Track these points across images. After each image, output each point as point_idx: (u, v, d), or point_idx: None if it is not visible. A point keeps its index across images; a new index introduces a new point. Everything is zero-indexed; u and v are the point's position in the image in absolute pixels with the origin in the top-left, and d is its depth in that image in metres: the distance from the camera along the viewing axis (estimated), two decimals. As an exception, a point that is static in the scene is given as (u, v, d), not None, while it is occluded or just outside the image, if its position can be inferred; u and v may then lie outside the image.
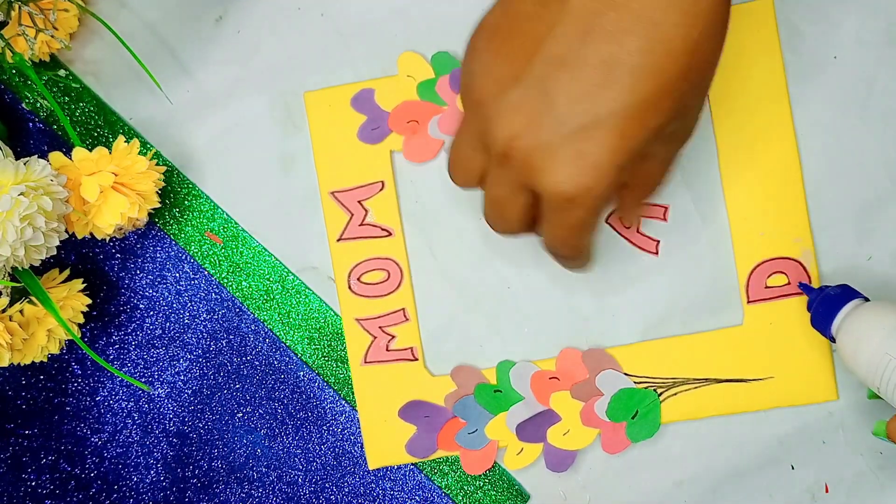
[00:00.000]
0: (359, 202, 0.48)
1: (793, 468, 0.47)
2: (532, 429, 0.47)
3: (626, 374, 0.46)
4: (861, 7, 0.46)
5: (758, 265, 0.46)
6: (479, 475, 0.48)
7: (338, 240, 0.48)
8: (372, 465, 0.48)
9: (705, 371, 0.46)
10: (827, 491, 0.47)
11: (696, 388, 0.46)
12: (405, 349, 0.48)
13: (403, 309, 0.48)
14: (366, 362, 0.48)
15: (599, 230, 0.37)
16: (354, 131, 0.48)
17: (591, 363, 0.46)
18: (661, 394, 0.46)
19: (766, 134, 0.46)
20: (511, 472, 0.48)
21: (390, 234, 0.48)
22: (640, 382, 0.46)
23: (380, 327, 0.48)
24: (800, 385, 0.46)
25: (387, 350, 0.48)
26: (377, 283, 0.48)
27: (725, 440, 0.47)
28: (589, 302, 0.47)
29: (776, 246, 0.46)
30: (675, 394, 0.46)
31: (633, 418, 0.46)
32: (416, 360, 0.48)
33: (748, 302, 0.46)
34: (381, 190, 0.48)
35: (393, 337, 0.48)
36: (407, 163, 0.48)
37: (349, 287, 0.48)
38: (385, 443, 0.48)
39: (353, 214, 0.48)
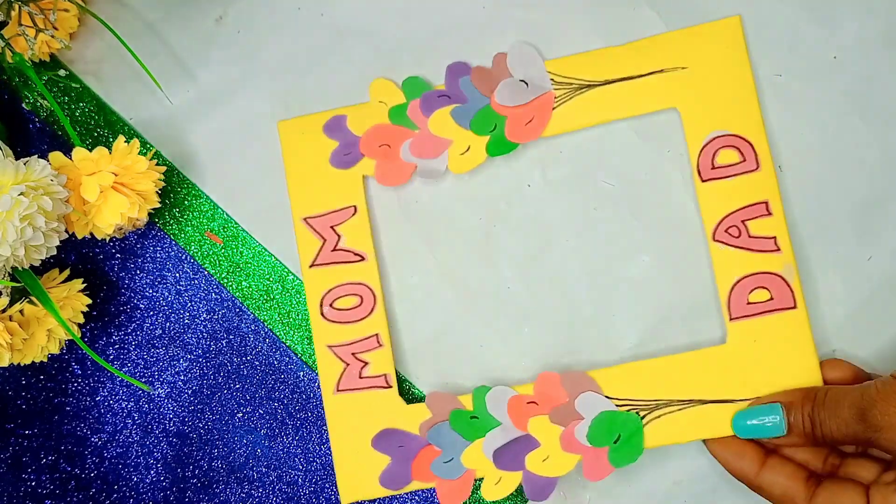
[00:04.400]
0: (331, 227, 0.47)
1: (793, 468, 0.47)
2: (510, 456, 0.45)
3: (606, 396, 0.45)
4: (861, 7, 0.46)
5: (738, 280, 0.45)
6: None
7: (310, 266, 0.47)
8: (345, 501, 0.46)
9: (689, 392, 0.45)
10: (827, 491, 0.47)
11: (679, 409, 0.45)
12: (378, 376, 0.47)
13: (377, 335, 0.47)
14: (338, 391, 0.47)
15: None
16: (326, 157, 0.47)
17: (570, 386, 0.45)
18: (643, 416, 0.45)
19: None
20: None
21: (363, 258, 0.47)
22: (622, 405, 0.45)
23: (352, 354, 0.47)
24: None
25: (360, 377, 0.47)
26: (350, 309, 0.47)
27: (725, 440, 0.47)
28: (585, 302, 0.47)
29: (756, 261, 0.45)
30: (659, 416, 0.45)
31: (615, 443, 0.44)
32: (390, 387, 0.46)
33: (730, 319, 0.45)
34: (353, 215, 0.47)
35: (366, 364, 0.47)
36: (379, 187, 0.48)
37: (321, 314, 0.47)
38: (358, 476, 0.46)
39: (325, 240, 0.47)
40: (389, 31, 0.48)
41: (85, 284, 0.48)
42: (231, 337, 0.50)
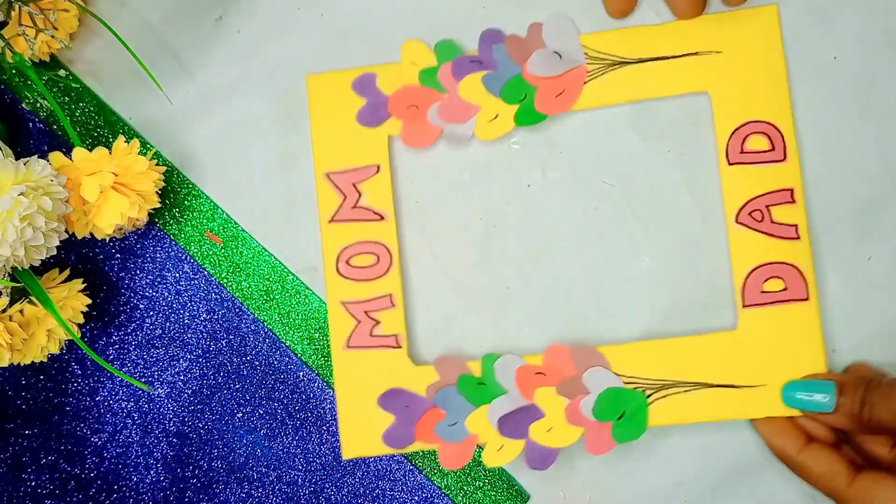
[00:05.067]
0: (353, 185, 0.47)
1: (793, 468, 0.47)
2: (514, 424, 0.45)
3: (615, 373, 0.45)
4: (861, 7, 0.46)
5: (754, 269, 0.45)
6: (479, 475, 0.48)
7: (329, 221, 0.47)
8: (346, 455, 0.46)
9: (696, 375, 0.45)
10: (827, 491, 0.47)
11: (686, 391, 0.45)
12: (389, 336, 0.47)
13: (391, 295, 0.47)
14: (348, 347, 0.47)
15: None
16: (354, 114, 0.47)
17: (579, 360, 0.46)
18: (649, 395, 0.45)
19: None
20: (507, 469, 0.48)
21: (382, 218, 0.47)
22: (629, 383, 0.45)
23: (365, 312, 0.47)
24: None
25: (370, 335, 0.47)
26: (365, 267, 0.47)
27: (726, 440, 0.47)
28: (586, 302, 0.47)
29: (775, 248, 0.45)
30: (665, 396, 0.45)
31: (619, 419, 0.45)
32: (400, 347, 0.47)
33: (743, 306, 0.45)
34: (376, 173, 0.47)
35: (378, 322, 0.47)
36: (404, 149, 0.48)
37: (337, 269, 0.47)
38: (362, 432, 0.46)
39: (346, 196, 0.47)
40: (389, 31, 0.48)
41: (85, 284, 0.48)
42: (231, 337, 0.50)
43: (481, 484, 0.48)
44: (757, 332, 0.45)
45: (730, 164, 0.46)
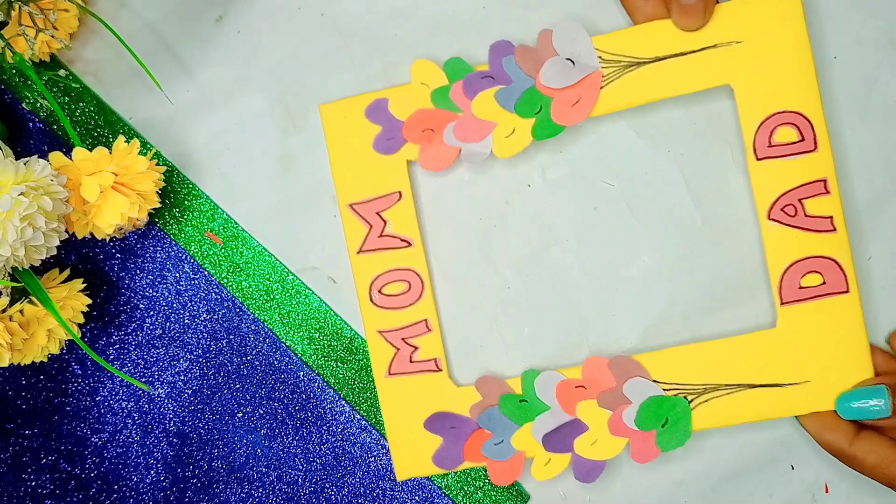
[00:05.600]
0: (377, 213, 0.47)
1: (793, 468, 0.47)
2: (559, 439, 0.46)
3: (654, 381, 0.45)
4: (861, 7, 0.46)
5: (790, 265, 0.44)
6: (480, 475, 0.48)
7: (358, 252, 0.47)
8: (400, 477, 0.47)
9: (738, 377, 0.44)
10: (827, 491, 0.47)
11: (728, 394, 0.44)
12: (429, 360, 0.47)
13: (426, 320, 0.47)
14: (390, 374, 0.47)
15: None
16: (370, 142, 0.47)
17: (618, 371, 0.45)
18: (691, 401, 0.45)
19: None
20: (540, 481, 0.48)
21: (410, 244, 0.47)
22: (670, 389, 0.45)
23: (402, 339, 0.47)
24: (838, 388, 0.44)
25: (410, 362, 0.47)
26: (398, 295, 0.47)
27: (725, 440, 0.47)
28: (586, 302, 0.47)
29: (810, 242, 0.44)
30: (707, 400, 0.44)
31: (662, 426, 0.45)
32: (441, 370, 0.47)
33: (781, 304, 0.44)
34: (398, 200, 0.47)
35: (416, 348, 0.47)
36: (424, 172, 0.48)
37: (371, 299, 0.47)
38: (413, 454, 0.47)
39: (371, 226, 0.47)
40: (389, 30, 0.48)
41: (85, 284, 0.48)
42: (231, 337, 0.50)
43: (481, 484, 0.48)
44: (797, 328, 0.44)
45: (759, 159, 0.44)
